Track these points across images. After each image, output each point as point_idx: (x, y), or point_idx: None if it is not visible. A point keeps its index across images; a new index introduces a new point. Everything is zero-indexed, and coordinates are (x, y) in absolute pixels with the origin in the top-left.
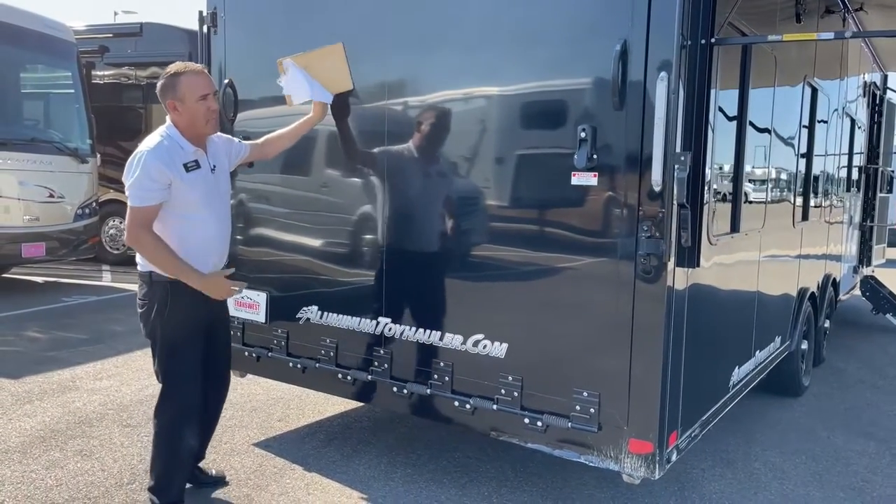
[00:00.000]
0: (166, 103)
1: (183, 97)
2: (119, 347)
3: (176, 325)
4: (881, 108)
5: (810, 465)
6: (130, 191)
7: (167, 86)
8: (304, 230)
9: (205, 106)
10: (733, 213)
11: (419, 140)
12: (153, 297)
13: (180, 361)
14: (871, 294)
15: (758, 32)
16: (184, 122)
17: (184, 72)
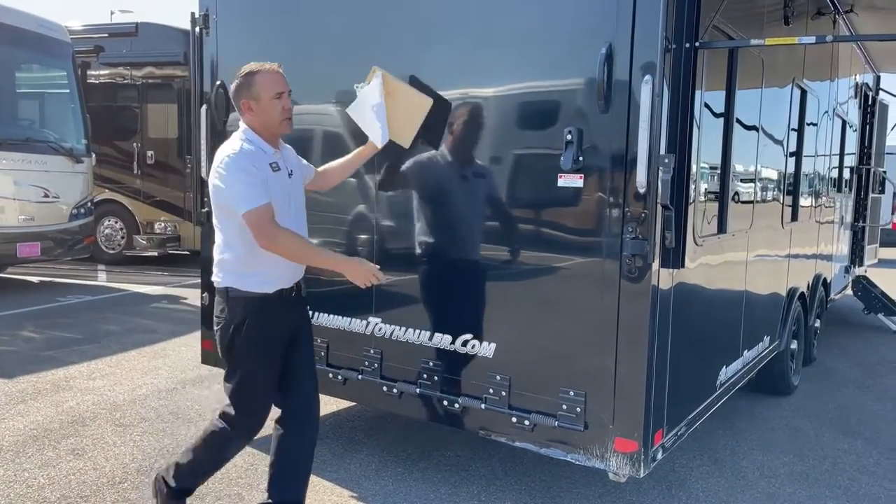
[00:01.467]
0: (240, 104)
1: (258, 96)
2: (113, 347)
3: (254, 344)
4: (873, 109)
5: (797, 463)
6: (236, 198)
7: (242, 85)
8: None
9: (280, 104)
10: (720, 213)
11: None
12: (232, 313)
13: (253, 385)
14: (862, 294)
15: (744, 35)
16: (259, 122)
17: (259, 70)
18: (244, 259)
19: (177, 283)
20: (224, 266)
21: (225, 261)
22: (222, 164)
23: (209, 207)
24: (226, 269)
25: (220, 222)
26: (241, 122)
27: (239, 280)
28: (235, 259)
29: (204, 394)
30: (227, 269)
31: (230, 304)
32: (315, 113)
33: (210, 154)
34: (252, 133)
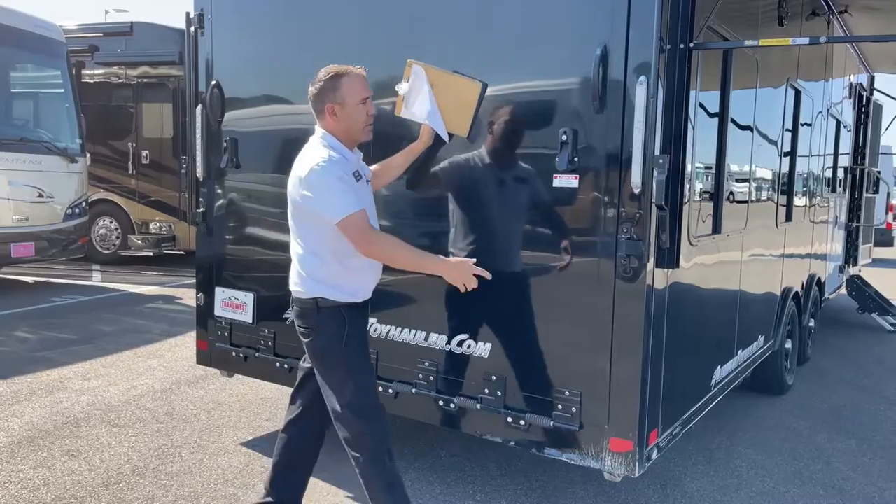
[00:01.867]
0: (324, 108)
1: (343, 100)
2: (108, 347)
3: (356, 354)
4: (867, 109)
5: (791, 462)
6: (331, 206)
7: (326, 88)
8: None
9: (365, 110)
10: (714, 214)
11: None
12: (326, 326)
13: (367, 391)
14: (856, 293)
15: (739, 36)
16: (341, 128)
17: (345, 73)
18: (333, 269)
19: (172, 284)
20: (310, 277)
21: (310, 272)
22: (312, 174)
23: (205, 208)
24: (313, 279)
25: (305, 232)
26: (319, 126)
27: (329, 290)
28: (324, 269)
29: (199, 394)
30: (316, 280)
31: (323, 316)
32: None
33: (205, 154)
34: (333, 139)
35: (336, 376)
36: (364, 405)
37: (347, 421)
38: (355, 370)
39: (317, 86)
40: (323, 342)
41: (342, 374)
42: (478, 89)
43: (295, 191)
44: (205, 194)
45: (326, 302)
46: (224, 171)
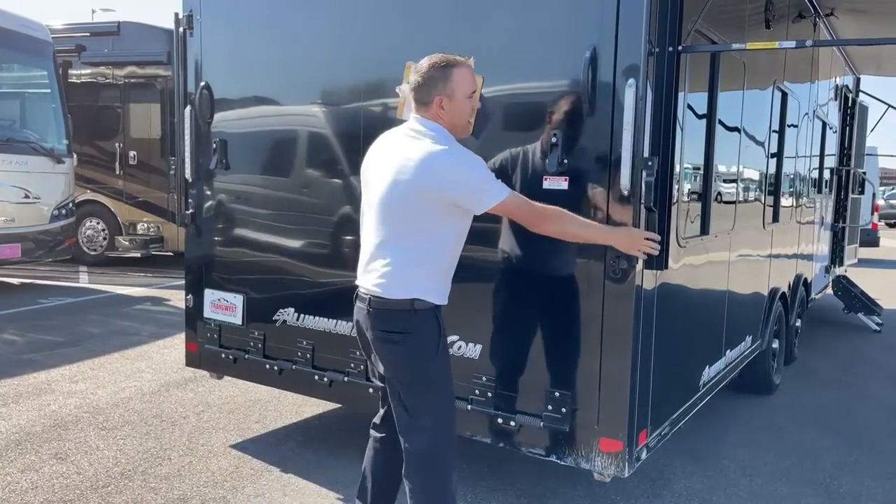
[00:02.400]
0: (432, 99)
1: (453, 92)
2: (95, 350)
3: (446, 363)
4: (853, 111)
5: (779, 462)
6: (488, 191)
7: (437, 78)
8: (283, 232)
9: (471, 105)
10: (703, 215)
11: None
12: (422, 330)
13: (452, 405)
14: (842, 293)
15: (726, 39)
16: (446, 121)
17: (457, 63)
18: (431, 269)
19: (160, 285)
20: (407, 275)
21: (408, 270)
22: (447, 160)
23: (194, 209)
24: (410, 278)
25: (411, 226)
26: (422, 116)
27: (426, 291)
28: (426, 268)
29: (188, 396)
30: (413, 279)
31: (419, 318)
32: (301, 114)
33: (194, 156)
34: (445, 132)
35: (424, 387)
36: (449, 421)
37: (426, 436)
38: (445, 381)
39: (425, 75)
40: (416, 348)
41: (433, 384)
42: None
43: (418, 182)
44: (194, 195)
45: (423, 304)
46: (214, 173)
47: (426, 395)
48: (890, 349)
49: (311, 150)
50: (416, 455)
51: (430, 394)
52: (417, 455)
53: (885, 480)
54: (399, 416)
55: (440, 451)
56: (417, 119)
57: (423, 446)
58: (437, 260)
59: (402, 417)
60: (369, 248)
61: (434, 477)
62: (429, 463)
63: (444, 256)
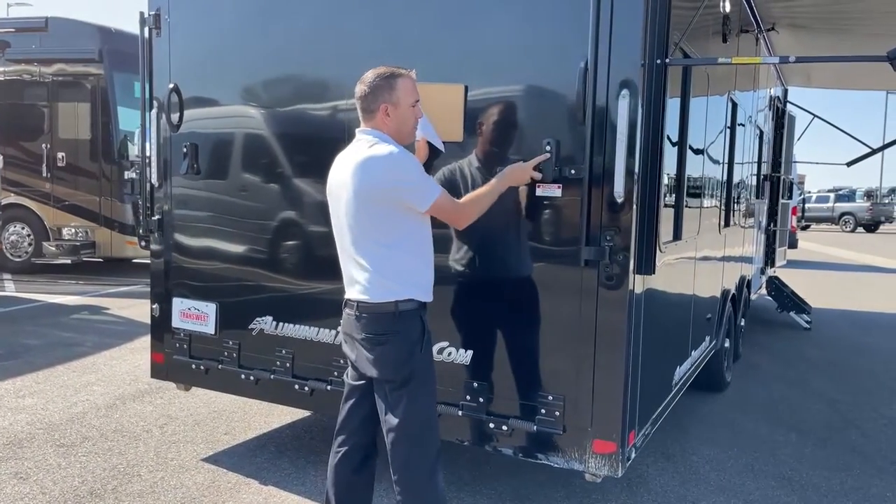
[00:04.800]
0: (378, 107)
1: (398, 101)
2: (37, 362)
3: (430, 361)
4: (783, 121)
5: (742, 456)
6: (423, 192)
7: (382, 87)
8: (259, 238)
9: (415, 114)
10: (675, 221)
11: None
12: (407, 331)
13: (433, 402)
14: (775, 294)
15: (696, 51)
16: (392, 128)
17: (400, 73)
18: (413, 264)
19: (95, 293)
20: (387, 278)
21: (388, 271)
22: (393, 164)
23: (161, 216)
24: (391, 280)
25: (381, 228)
26: (368, 125)
27: (410, 290)
28: (404, 266)
29: (147, 409)
30: (395, 280)
31: (403, 319)
32: (276, 117)
33: (160, 159)
34: (389, 138)
35: (411, 386)
36: (434, 417)
37: (414, 435)
38: (430, 379)
39: (370, 84)
40: (401, 349)
41: (419, 383)
42: (460, 91)
43: (366, 185)
44: (160, 201)
45: (407, 304)
46: (183, 177)
47: (416, 394)
48: (821, 346)
49: (288, 154)
50: (403, 456)
51: (421, 391)
52: (405, 456)
53: (840, 472)
54: (386, 416)
55: (424, 449)
56: (363, 131)
57: (410, 447)
58: (410, 259)
59: (389, 416)
60: (346, 259)
61: (422, 475)
62: (417, 461)
63: (416, 254)
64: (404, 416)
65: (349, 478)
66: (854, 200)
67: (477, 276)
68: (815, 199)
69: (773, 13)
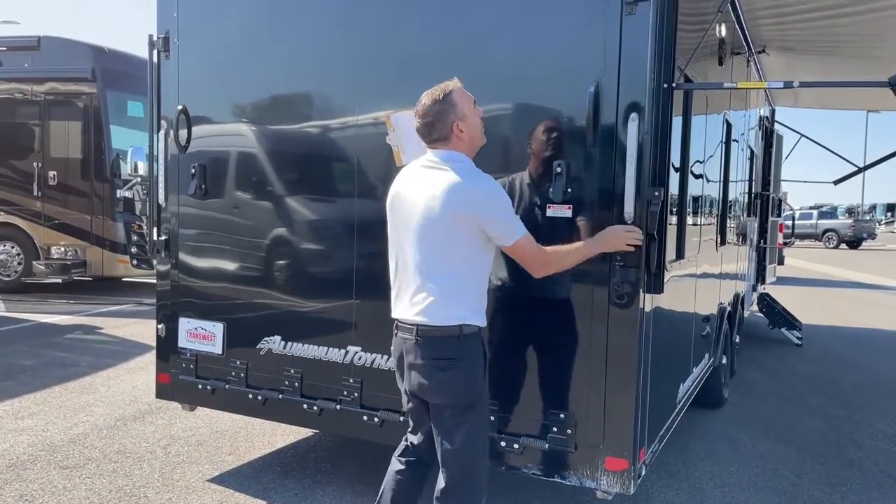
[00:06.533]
0: (451, 129)
1: (464, 115)
2: (34, 383)
3: (486, 386)
4: (771, 140)
5: (744, 472)
6: (509, 226)
7: (446, 109)
8: (267, 258)
9: (478, 114)
10: (678, 240)
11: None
12: (471, 356)
13: (488, 429)
14: (767, 310)
15: (695, 74)
16: (466, 144)
17: (452, 88)
18: (477, 291)
19: (86, 312)
20: (452, 301)
21: (454, 295)
22: (482, 189)
23: (167, 236)
24: (456, 303)
25: (451, 251)
26: (445, 149)
27: (472, 315)
28: (469, 292)
29: (149, 430)
30: (459, 304)
31: (466, 344)
32: (284, 137)
33: (167, 180)
34: (468, 160)
35: (472, 413)
36: (487, 444)
37: (470, 463)
38: (486, 404)
39: (432, 111)
40: (465, 374)
41: (479, 410)
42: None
43: (453, 210)
44: (167, 221)
45: (470, 328)
46: (191, 198)
47: (471, 419)
48: (813, 361)
49: (294, 174)
50: (454, 482)
51: (475, 417)
52: (456, 483)
53: (841, 487)
54: (444, 440)
55: (477, 474)
56: (436, 151)
57: (462, 475)
58: (476, 283)
59: (446, 442)
60: (406, 279)
61: (471, 499)
62: (467, 490)
63: (481, 279)
64: (463, 444)
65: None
66: (836, 217)
67: (489, 296)
68: (798, 215)
69: (765, 35)
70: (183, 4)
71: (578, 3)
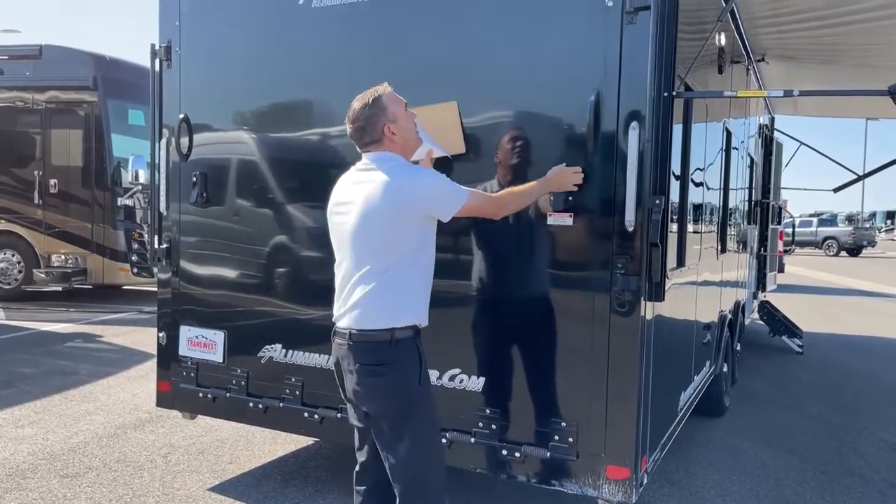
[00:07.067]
0: (382, 131)
1: (395, 117)
2: (34, 391)
3: (430, 393)
4: (770, 148)
5: (746, 481)
6: (451, 197)
7: (375, 113)
8: (268, 266)
9: (412, 118)
10: (679, 248)
11: None
12: (404, 361)
13: (437, 438)
14: (767, 318)
15: (695, 83)
16: (399, 146)
17: (382, 92)
18: (408, 292)
19: (86, 320)
20: (386, 304)
21: (387, 297)
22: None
23: (169, 244)
24: (390, 306)
25: (379, 257)
26: (379, 152)
27: (407, 315)
28: (397, 295)
29: (149, 438)
30: (393, 306)
31: (400, 349)
32: (285, 146)
33: (169, 188)
34: (399, 157)
35: (412, 422)
36: (439, 455)
37: (419, 475)
38: (433, 413)
39: (362, 115)
40: (397, 381)
41: (421, 418)
42: (454, 107)
43: (385, 206)
44: (168, 229)
45: (403, 332)
46: (192, 206)
47: (411, 428)
48: (814, 370)
49: (295, 182)
50: (407, 492)
51: (416, 425)
52: (409, 492)
53: (843, 496)
54: (387, 453)
55: (427, 487)
56: (368, 154)
57: (413, 482)
58: (412, 285)
59: (390, 455)
60: (344, 284)
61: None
62: (415, 500)
63: (418, 280)
64: (407, 456)
65: None
66: (836, 225)
67: (489, 303)
68: (798, 223)
69: (764, 44)
70: (185, 14)
71: (579, 12)
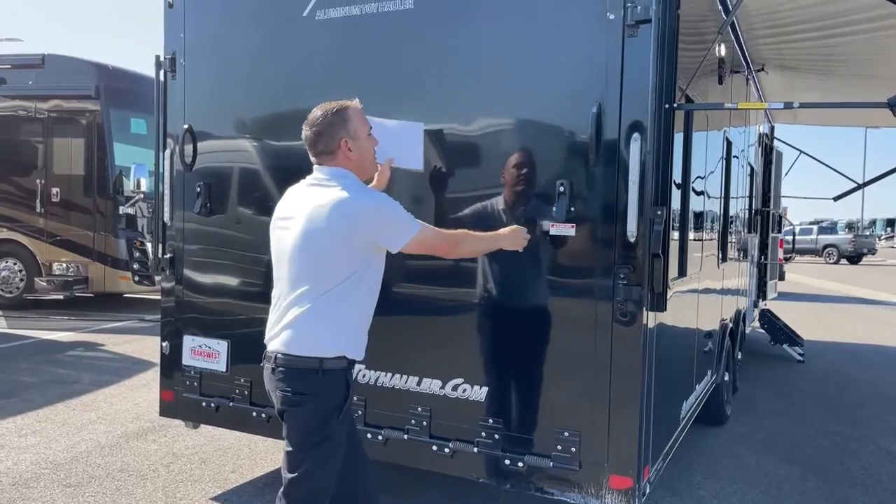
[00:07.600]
0: (338, 144)
1: (356, 133)
2: (36, 401)
3: (345, 431)
4: (770, 157)
5: (748, 490)
6: (402, 228)
7: (336, 123)
8: (271, 276)
9: (372, 143)
10: (680, 258)
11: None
12: (329, 392)
13: (332, 476)
14: (768, 326)
15: (696, 94)
16: (353, 164)
17: (349, 106)
18: (344, 323)
19: (88, 329)
20: (319, 330)
21: (321, 324)
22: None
23: (172, 253)
24: (316, 335)
25: (318, 281)
26: (329, 166)
27: (341, 346)
28: (332, 323)
29: (151, 447)
30: (320, 336)
31: (327, 380)
32: (288, 156)
33: (173, 197)
34: (353, 176)
35: (317, 452)
36: (325, 488)
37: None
38: (338, 452)
39: (322, 122)
40: (319, 412)
41: (324, 453)
42: (420, 128)
43: (330, 227)
44: (172, 238)
45: (333, 363)
46: (196, 216)
47: (314, 457)
48: (815, 379)
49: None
50: None
51: (319, 456)
52: None
53: None
54: (285, 469)
55: None
56: (321, 168)
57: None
58: (350, 314)
59: (284, 469)
60: (279, 305)
61: None
62: None
63: (358, 312)
64: (297, 479)
65: None
66: (836, 233)
67: (492, 314)
68: (798, 231)
69: (764, 55)
70: (189, 26)
71: (581, 25)
